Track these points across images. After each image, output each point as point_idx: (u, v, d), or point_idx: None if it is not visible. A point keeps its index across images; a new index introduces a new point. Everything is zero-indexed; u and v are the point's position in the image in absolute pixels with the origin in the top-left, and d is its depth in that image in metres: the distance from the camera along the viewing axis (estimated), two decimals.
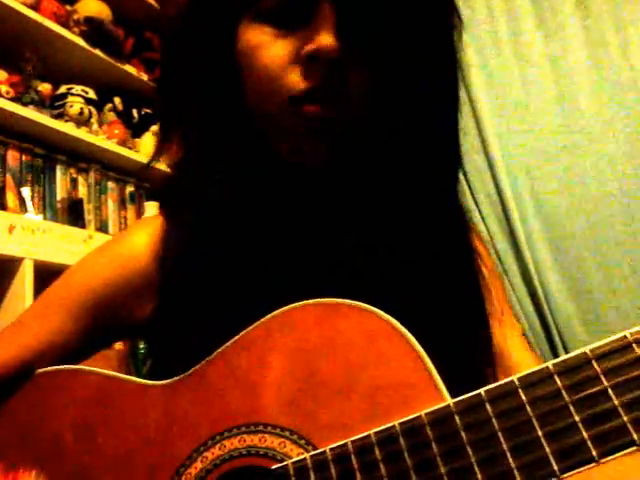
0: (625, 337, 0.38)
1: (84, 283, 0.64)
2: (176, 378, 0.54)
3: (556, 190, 2.33)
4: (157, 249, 0.62)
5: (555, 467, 0.37)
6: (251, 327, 0.53)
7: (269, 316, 0.52)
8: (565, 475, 0.37)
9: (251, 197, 0.59)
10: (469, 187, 2.43)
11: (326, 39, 0.52)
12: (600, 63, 2.32)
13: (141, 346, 1.71)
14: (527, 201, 2.36)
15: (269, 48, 0.54)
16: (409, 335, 0.47)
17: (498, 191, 2.37)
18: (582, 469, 0.37)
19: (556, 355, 2.13)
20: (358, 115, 0.57)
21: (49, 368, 0.60)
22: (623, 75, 2.28)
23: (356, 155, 0.58)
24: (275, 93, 0.55)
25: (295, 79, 0.54)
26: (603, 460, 0.36)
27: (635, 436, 0.35)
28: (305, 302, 0.51)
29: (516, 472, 0.38)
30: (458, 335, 0.57)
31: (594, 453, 0.36)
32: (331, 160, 0.58)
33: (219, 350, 0.53)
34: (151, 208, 2.30)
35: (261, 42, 0.54)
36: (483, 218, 2.40)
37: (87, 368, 0.59)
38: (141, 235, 0.65)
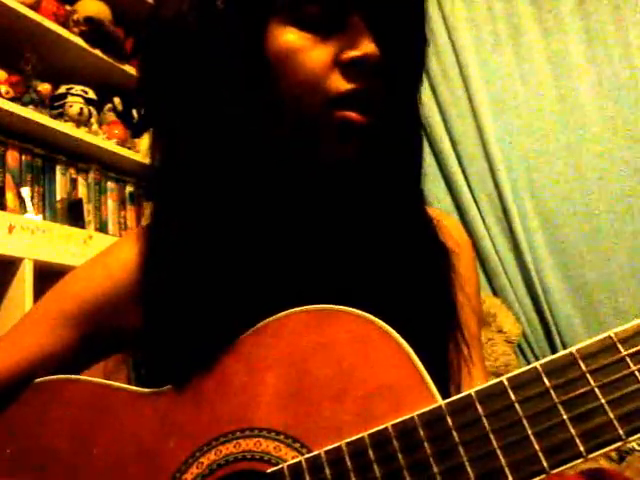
0: (610, 337, 0.39)
1: (76, 294, 0.65)
2: (169, 386, 0.55)
3: (556, 190, 2.33)
4: (143, 260, 0.63)
5: (545, 464, 0.38)
6: (245, 334, 0.53)
7: (262, 323, 0.53)
8: (554, 471, 0.38)
9: (252, 199, 0.59)
10: (469, 187, 2.44)
11: (369, 46, 0.55)
12: (600, 63, 2.32)
13: None
14: (527, 201, 2.36)
15: (310, 52, 0.56)
16: (400, 338, 0.47)
17: (498, 191, 2.38)
18: (570, 465, 0.38)
19: None
20: (378, 121, 0.59)
21: (44, 378, 0.60)
22: (623, 75, 2.28)
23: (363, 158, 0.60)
24: (317, 94, 0.56)
25: (337, 81, 0.56)
26: (591, 455, 0.37)
27: (621, 431, 0.37)
28: (297, 309, 0.52)
29: (507, 469, 0.39)
30: (430, 331, 0.59)
31: (582, 449, 0.37)
32: (349, 162, 0.59)
33: (213, 357, 0.53)
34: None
35: (302, 46, 0.56)
36: (483, 218, 2.40)
37: (81, 377, 0.60)
38: (128, 247, 0.65)
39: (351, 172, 0.60)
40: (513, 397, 0.40)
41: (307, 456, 0.45)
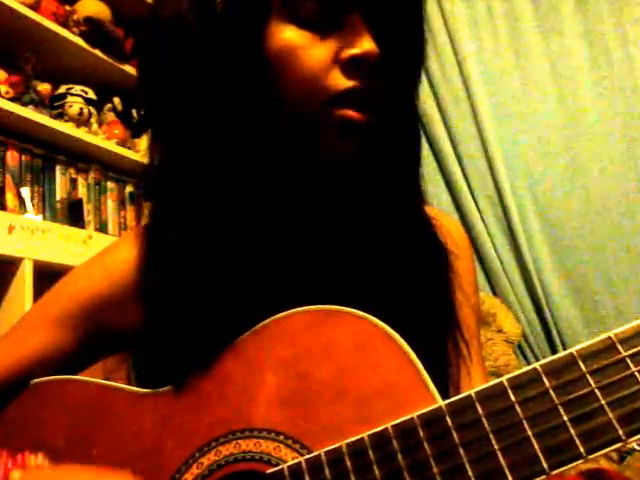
0: (610, 338, 0.39)
1: (74, 294, 0.65)
2: (169, 386, 0.55)
3: (556, 190, 2.33)
4: (142, 260, 0.63)
5: (545, 464, 0.38)
6: (244, 335, 0.53)
7: (262, 323, 0.53)
8: (554, 471, 0.38)
9: (251, 199, 0.58)
10: (469, 187, 2.44)
11: (368, 44, 0.55)
12: (600, 63, 2.32)
13: None
14: (527, 201, 2.36)
15: (309, 50, 0.56)
16: (400, 339, 0.47)
17: (498, 191, 2.38)
18: (570, 465, 0.38)
19: None
20: (378, 119, 0.59)
21: (43, 378, 0.60)
22: (623, 75, 2.28)
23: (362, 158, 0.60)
24: (316, 92, 0.56)
25: (337, 79, 0.56)
26: (591, 456, 0.37)
27: (621, 432, 0.37)
28: (297, 309, 0.52)
29: (507, 470, 0.39)
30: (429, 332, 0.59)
31: (582, 450, 0.37)
32: (348, 160, 0.59)
33: (212, 357, 0.53)
34: None
35: (301, 44, 0.56)
36: (483, 218, 2.40)
37: (80, 377, 0.60)
38: (127, 247, 0.65)
39: (351, 171, 0.59)
40: (513, 398, 0.40)
41: (307, 457, 0.45)
